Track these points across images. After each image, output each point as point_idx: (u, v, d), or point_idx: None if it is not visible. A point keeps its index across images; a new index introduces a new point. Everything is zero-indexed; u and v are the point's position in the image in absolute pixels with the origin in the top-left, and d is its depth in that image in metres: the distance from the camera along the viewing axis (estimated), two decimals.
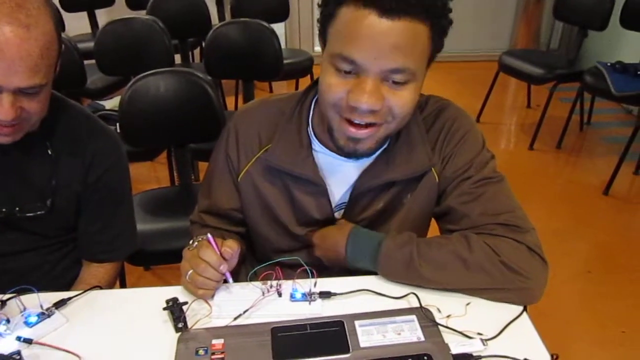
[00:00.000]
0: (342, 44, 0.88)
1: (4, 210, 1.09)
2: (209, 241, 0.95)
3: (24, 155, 1.09)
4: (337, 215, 1.12)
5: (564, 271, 2.37)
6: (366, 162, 1.05)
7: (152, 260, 1.93)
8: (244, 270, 1.24)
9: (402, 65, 0.88)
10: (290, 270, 1.01)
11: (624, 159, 2.91)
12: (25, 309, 0.93)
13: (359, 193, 1.07)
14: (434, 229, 1.14)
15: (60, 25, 0.99)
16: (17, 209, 1.10)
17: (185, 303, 0.94)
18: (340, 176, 1.07)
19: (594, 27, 3.29)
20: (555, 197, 2.98)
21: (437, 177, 1.06)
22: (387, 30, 0.85)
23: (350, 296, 0.98)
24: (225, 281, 0.98)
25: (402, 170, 1.04)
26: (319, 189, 1.07)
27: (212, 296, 0.97)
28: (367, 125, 0.93)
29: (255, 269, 1.04)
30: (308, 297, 0.96)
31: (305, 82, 3.46)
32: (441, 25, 0.90)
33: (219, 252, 0.94)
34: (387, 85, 0.90)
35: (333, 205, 1.10)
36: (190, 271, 0.94)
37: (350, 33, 0.87)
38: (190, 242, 0.99)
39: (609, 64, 3.10)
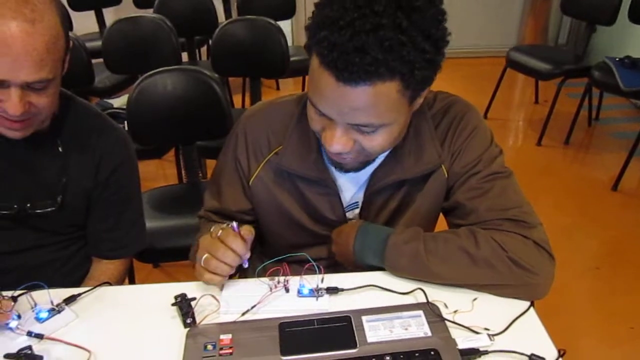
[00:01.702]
0: (311, 90, 0.88)
1: (15, 206, 1.10)
2: (234, 229, 0.95)
3: (34, 152, 1.11)
4: (349, 215, 1.12)
5: (572, 267, 2.36)
6: (377, 161, 1.05)
7: (161, 257, 1.93)
8: (251, 266, 1.25)
9: (366, 122, 0.86)
10: (298, 266, 1.01)
11: (632, 154, 2.90)
12: (36, 304, 0.94)
13: (372, 193, 1.07)
14: (441, 224, 1.14)
15: (66, 20, 0.99)
16: (28, 205, 1.11)
17: (194, 299, 0.94)
18: (350, 176, 1.07)
19: (602, 22, 3.27)
20: (564, 193, 2.97)
21: (446, 173, 1.06)
22: (344, 94, 0.82)
23: (357, 292, 0.98)
24: (235, 273, 0.98)
25: (412, 169, 1.04)
26: (330, 190, 1.07)
27: (221, 291, 0.98)
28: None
29: (263, 264, 1.04)
30: (315, 292, 0.97)
31: None
32: (416, 78, 0.83)
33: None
34: (357, 130, 0.89)
35: (345, 206, 1.10)
36: (206, 255, 0.94)
37: (315, 85, 0.86)
38: (212, 229, 0.98)
39: (617, 59, 3.08)
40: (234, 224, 0.95)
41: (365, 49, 0.77)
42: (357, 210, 1.12)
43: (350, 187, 1.10)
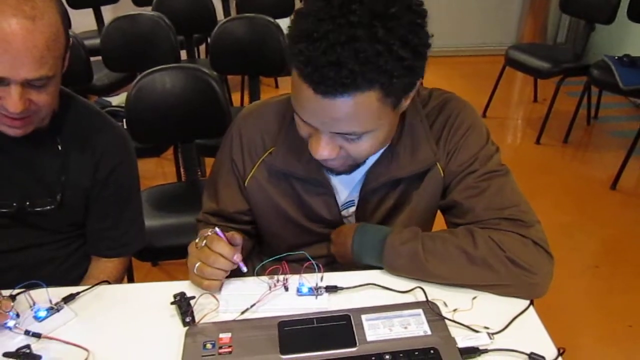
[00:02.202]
0: (293, 100, 0.88)
1: (14, 204, 1.10)
2: (217, 234, 0.96)
3: (34, 150, 1.10)
4: (345, 213, 1.12)
5: (571, 266, 2.36)
6: (371, 160, 1.05)
7: (160, 255, 1.93)
8: (250, 265, 1.25)
9: (349, 131, 0.86)
10: (297, 265, 1.01)
11: (631, 153, 2.90)
12: (34, 303, 0.94)
13: (367, 191, 1.07)
14: (439, 222, 1.14)
15: (66, 18, 0.99)
16: (28, 203, 1.11)
17: (193, 297, 0.94)
18: (344, 177, 1.07)
19: (601, 20, 3.27)
20: (562, 191, 2.97)
21: (442, 172, 1.06)
22: (324, 106, 0.82)
23: (356, 290, 0.98)
24: (233, 274, 0.98)
25: (407, 167, 1.04)
26: (326, 189, 1.07)
27: (220, 290, 0.98)
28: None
29: (262, 263, 1.04)
30: (314, 291, 0.97)
31: None
32: (396, 86, 0.82)
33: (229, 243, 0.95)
34: (342, 137, 0.89)
35: (340, 204, 1.10)
36: (199, 263, 0.95)
37: (296, 96, 0.86)
38: (197, 240, 0.99)
39: (616, 58, 3.08)
40: (217, 229, 0.95)
41: (340, 62, 0.76)
42: (352, 209, 1.12)
43: (346, 186, 1.09)
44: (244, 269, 0.98)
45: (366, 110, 0.83)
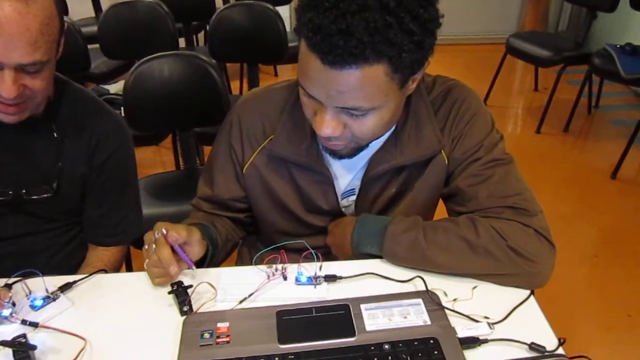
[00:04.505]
0: (300, 73, 0.87)
1: (10, 192, 1.09)
2: (162, 234, 0.94)
3: (29, 137, 1.09)
4: (345, 202, 1.11)
5: (571, 255, 2.36)
6: (374, 147, 1.03)
7: None
8: (248, 253, 1.24)
9: (354, 106, 0.85)
10: (296, 254, 1.01)
11: (632, 142, 2.89)
12: (30, 292, 0.93)
13: (370, 179, 1.06)
14: (441, 211, 1.13)
15: (60, 2, 0.98)
16: (24, 191, 1.10)
17: (190, 286, 0.93)
18: (346, 163, 1.06)
19: (603, 8, 3.24)
20: (563, 181, 2.96)
21: (446, 159, 1.05)
22: (331, 78, 0.81)
23: (355, 280, 0.98)
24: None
25: (411, 154, 1.03)
26: (324, 177, 1.06)
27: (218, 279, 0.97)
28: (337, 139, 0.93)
29: (260, 252, 1.03)
30: (313, 280, 0.96)
31: None
32: (405, 61, 0.81)
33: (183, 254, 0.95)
34: (347, 114, 0.88)
35: (339, 194, 1.09)
36: (147, 260, 0.95)
37: (303, 68, 0.85)
38: (145, 236, 0.99)
39: (618, 46, 3.05)
40: (163, 230, 0.94)
41: (350, 31, 0.76)
42: (352, 197, 1.11)
43: (347, 174, 1.08)
44: (193, 268, 0.97)
45: (373, 85, 0.82)
